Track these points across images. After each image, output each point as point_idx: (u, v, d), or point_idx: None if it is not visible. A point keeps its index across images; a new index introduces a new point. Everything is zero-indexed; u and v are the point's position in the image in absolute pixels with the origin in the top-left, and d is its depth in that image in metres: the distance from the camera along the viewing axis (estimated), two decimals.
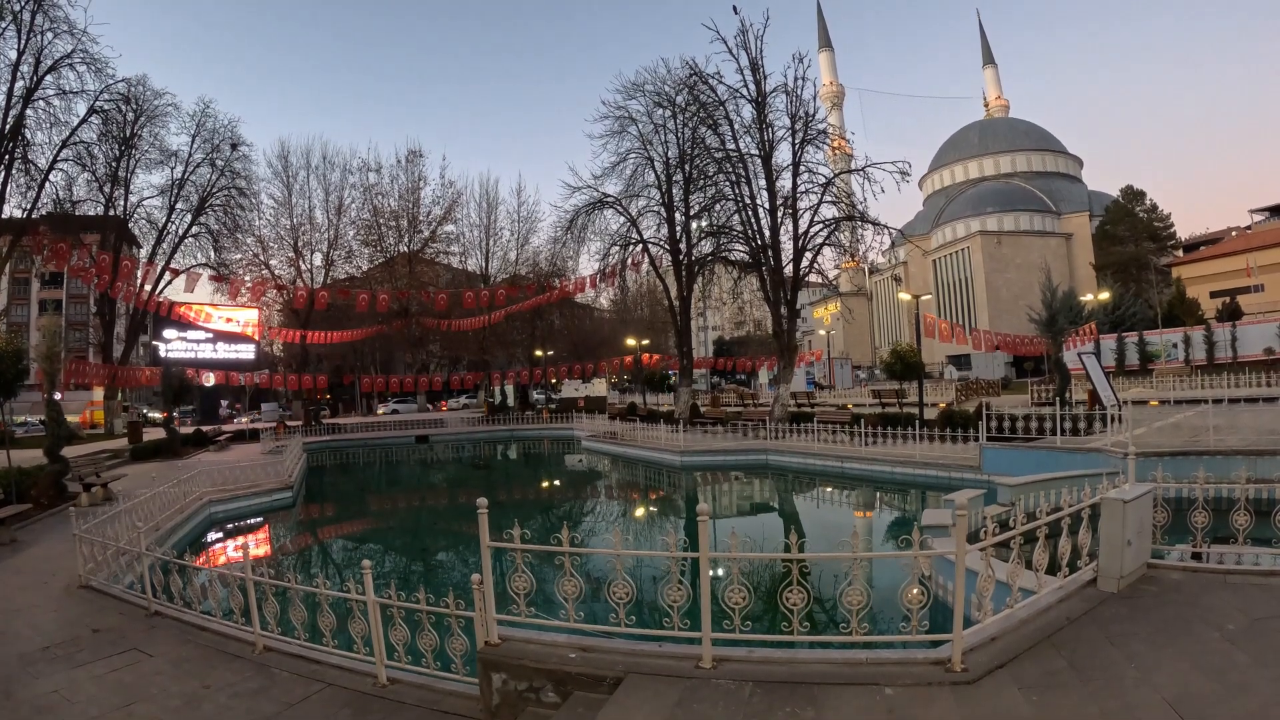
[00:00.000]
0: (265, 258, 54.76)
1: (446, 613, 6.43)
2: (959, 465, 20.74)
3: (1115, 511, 6.68)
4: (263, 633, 7.97)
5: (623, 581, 5.73)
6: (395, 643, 6.76)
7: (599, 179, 41.48)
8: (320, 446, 45.27)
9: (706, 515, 5.47)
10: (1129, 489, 7.18)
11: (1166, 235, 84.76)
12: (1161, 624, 5.97)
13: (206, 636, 8.57)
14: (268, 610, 7.89)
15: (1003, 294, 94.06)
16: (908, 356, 32.46)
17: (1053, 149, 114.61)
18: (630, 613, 5.77)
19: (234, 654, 7.94)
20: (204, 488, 22.28)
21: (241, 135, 49.51)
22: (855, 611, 5.39)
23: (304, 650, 7.71)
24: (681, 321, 41.90)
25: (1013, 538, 6.06)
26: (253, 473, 25.02)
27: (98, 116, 40.05)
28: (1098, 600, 6.52)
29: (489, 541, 6.16)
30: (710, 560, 5.59)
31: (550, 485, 31.26)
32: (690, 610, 5.68)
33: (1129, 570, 6.85)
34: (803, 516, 20.77)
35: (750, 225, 35.68)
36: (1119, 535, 6.69)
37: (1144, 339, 54.01)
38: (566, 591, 5.94)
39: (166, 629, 8.94)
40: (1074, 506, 6.71)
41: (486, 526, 6.16)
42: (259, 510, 22.92)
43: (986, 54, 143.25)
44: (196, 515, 20.03)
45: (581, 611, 5.95)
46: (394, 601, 6.71)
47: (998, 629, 5.74)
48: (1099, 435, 19.48)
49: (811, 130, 33.94)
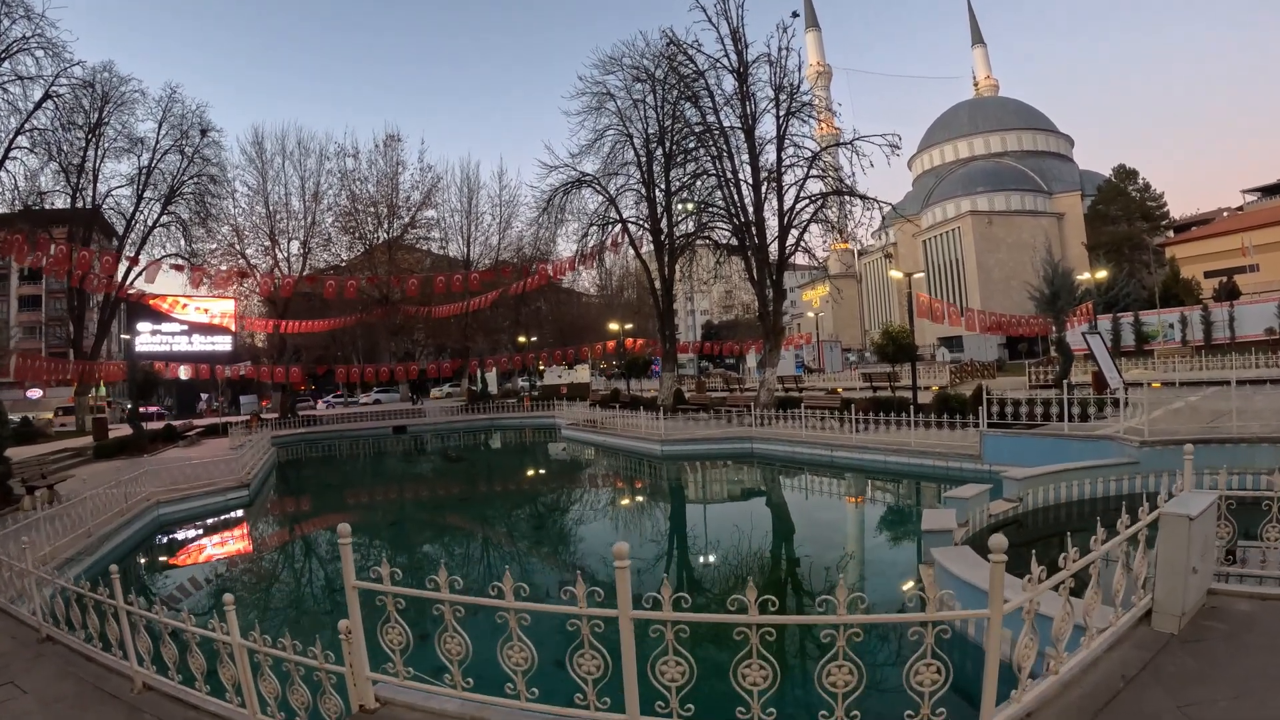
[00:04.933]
0: (241, 247, 53.38)
1: (315, 665, 4.97)
2: (957, 454, 19.36)
3: (1177, 531, 5.17)
4: (140, 669, 6.57)
5: (519, 644, 4.26)
6: (284, 692, 5.29)
7: (576, 157, 40.14)
8: (294, 439, 44.08)
9: (625, 561, 3.93)
10: (1189, 499, 5.59)
11: (1160, 215, 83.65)
12: (1244, 682, 4.49)
13: (91, 669, 7.31)
14: (155, 644, 6.46)
15: (994, 274, 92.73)
16: (900, 338, 31.16)
17: (1043, 128, 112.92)
18: (539, 679, 4.38)
19: (111, 692, 6.67)
20: (152, 487, 20.94)
21: (211, 121, 48.27)
22: (841, 696, 3.86)
23: (182, 693, 6.30)
24: (663, 304, 40.29)
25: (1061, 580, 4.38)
26: (209, 470, 23.59)
27: (52, 102, 38.38)
28: (1156, 646, 5.04)
29: (354, 581, 4.81)
30: (635, 620, 3.99)
31: (521, 479, 29.54)
32: (614, 680, 4.13)
33: (1191, 604, 5.31)
34: (787, 513, 19.09)
35: (733, 201, 34.17)
36: (1181, 560, 5.18)
37: (1140, 319, 52.69)
38: (450, 651, 4.55)
39: (54, 658, 7.78)
40: (1130, 529, 5.10)
41: (351, 562, 4.68)
42: (212, 511, 21.49)
43: (975, 33, 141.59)
44: (142, 518, 18.77)
45: (474, 676, 4.54)
46: (259, 647, 5.23)
47: (1036, 699, 4.20)
48: (1109, 421, 18.02)
49: (796, 102, 32.49)
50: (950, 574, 8.27)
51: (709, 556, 14.89)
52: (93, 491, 16.83)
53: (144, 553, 17.49)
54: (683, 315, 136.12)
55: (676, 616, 3.90)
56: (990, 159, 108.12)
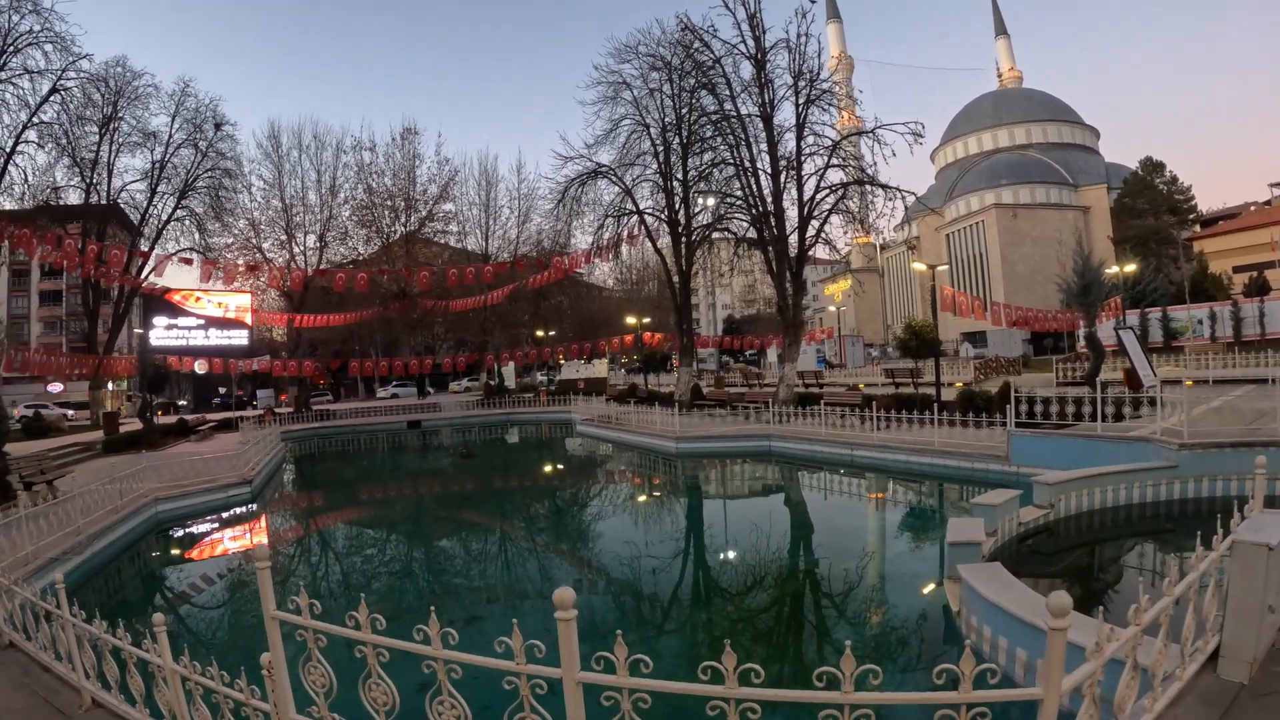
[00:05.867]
0: (257, 241, 53.19)
1: (240, 700, 4.37)
2: (983, 454, 18.45)
3: (1253, 563, 4.33)
4: (88, 684, 6.11)
5: (450, 700, 3.51)
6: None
7: (592, 148, 39.42)
8: (307, 434, 43.80)
9: (569, 612, 3.12)
10: (1265, 522, 4.72)
11: (1187, 208, 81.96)
12: None
13: (45, 681, 6.87)
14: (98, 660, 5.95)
15: (1019, 268, 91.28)
16: (923, 332, 30.16)
17: (1069, 120, 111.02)
18: None
19: (60, 708, 6.23)
20: (152, 484, 20.51)
21: (225, 115, 48.45)
22: None
23: (126, 712, 5.78)
24: (681, 297, 39.47)
25: (1133, 645, 3.52)
26: (209, 466, 23.17)
27: (60, 95, 38.27)
28: (1225, 700, 4.21)
29: (274, 611, 4.10)
30: (580, 684, 3.20)
31: (528, 478, 28.73)
32: None
33: (1264, 648, 4.48)
34: (803, 518, 18.09)
35: (751, 191, 33.25)
36: (1256, 597, 4.35)
37: (1168, 315, 51.41)
38: (375, 699, 3.83)
39: (12, 666, 7.37)
40: (1203, 562, 4.25)
41: (270, 588, 4.00)
42: (211, 508, 20.93)
43: (999, 24, 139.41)
44: (137, 515, 18.24)
45: None
46: (190, 674, 4.68)
47: None
48: (1144, 421, 17.06)
49: (816, 89, 31.65)
50: (978, 595, 7.45)
51: (712, 569, 13.99)
52: (84, 488, 16.34)
53: (135, 553, 16.81)
54: (704, 309, 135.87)
55: (634, 684, 3.10)
56: (1015, 151, 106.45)
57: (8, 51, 34.72)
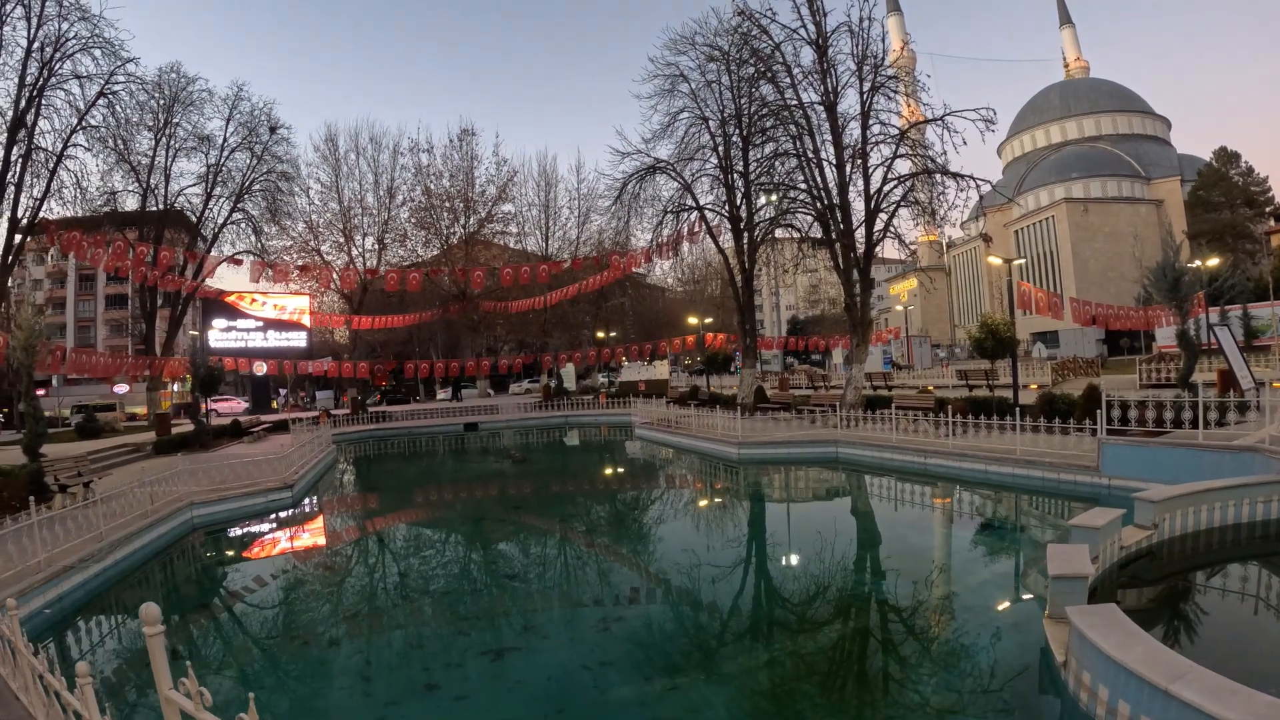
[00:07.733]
0: (316, 243, 53.51)
1: None
2: (1070, 465, 16.93)
3: None
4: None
5: None
6: None
7: (649, 143, 38.75)
8: (360, 436, 43.61)
9: None
10: None
11: (1264, 200, 78.70)
12: None
13: (15, 710, 5.86)
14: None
15: (1091, 265, 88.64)
16: (1000, 331, 28.71)
17: (1138, 110, 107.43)
18: None
19: None
20: (189, 487, 19.99)
21: (279, 118, 48.98)
22: None
23: None
24: (743, 296, 38.43)
25: None
26: (250, 469, 22.51)
27: (107, 99, 38.22)
28: None
29: (167, 689, 3.29)
30: None
31: (582, 485, 27.36)
32: None
33: None
34: (873, 535, 16.31)
35: (815, 183, 31.95)
36: None
37: (1248, 313, 49.17)
38: None
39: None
40: None
41: (164, 662, 3.19)
42: (249, 514, 20.30)
43: (1063, 13, 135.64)
44: (172, 520, 17.60)
45: None
46: None
47: None
48: (1249, 428, 15.62)
49: (881, 75, 30.25)
50: (1093, 646, 6.21)
51: (772, 593, 12.43)
52: (112, 492, 15.88)
53: (162, 561, 15.95)
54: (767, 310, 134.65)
55: None
56: (1084, 143, 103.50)
57: (57, 58, 34.87)
